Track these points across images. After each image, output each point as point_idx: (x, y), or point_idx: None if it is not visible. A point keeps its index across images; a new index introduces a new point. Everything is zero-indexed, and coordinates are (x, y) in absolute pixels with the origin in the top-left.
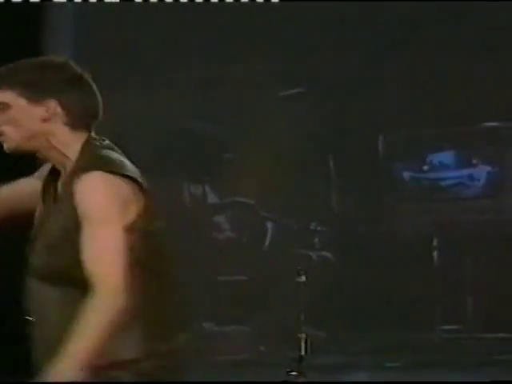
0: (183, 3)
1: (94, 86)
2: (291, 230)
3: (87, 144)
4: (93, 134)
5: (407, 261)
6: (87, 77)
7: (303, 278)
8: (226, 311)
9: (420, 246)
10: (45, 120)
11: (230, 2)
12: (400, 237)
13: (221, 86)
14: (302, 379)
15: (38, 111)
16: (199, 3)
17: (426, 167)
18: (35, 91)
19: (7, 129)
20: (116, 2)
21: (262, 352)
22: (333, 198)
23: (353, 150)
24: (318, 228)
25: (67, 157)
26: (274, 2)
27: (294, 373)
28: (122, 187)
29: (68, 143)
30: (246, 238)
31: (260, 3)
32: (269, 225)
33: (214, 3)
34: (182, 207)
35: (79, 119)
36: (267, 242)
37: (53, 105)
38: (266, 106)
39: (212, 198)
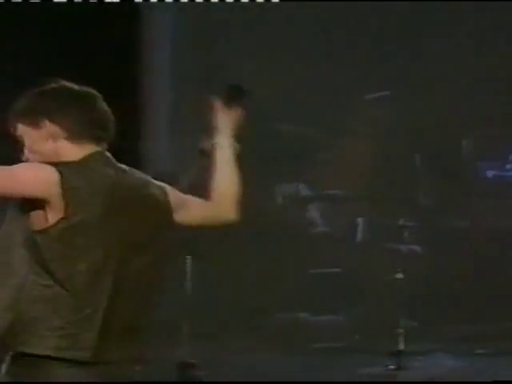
0: (263, 3)
1: (97, 102)
2: (381, 225)
3: (84, 158)
4: (100, 150)
5: (492, 254)
6: (87, 95)
7: (400, 275)
8: (320, 302)
9: (504, 240)
10: (47, 139)
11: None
12: (484, 231)
13: (313, 89)
14: (400, 373)
15: (41, 133)
16: (287, 7)
17: (508, 166)
18: (33, 117)
19: (31, 157)
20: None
21: (356, 341)
22: (420, 195)
23: (438, 150)
24: (407, 223)
25: None
26: (358, 9)
27: (391, 367)
28: (54, 184)
29: (73, 158)
30: (339, 232)
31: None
32: (360, 220)
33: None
34: (277, 205)
35: (79, 132)
36: (359, 237)
37: (47, 124)
38: (355, 108)
39: (305, 196)
